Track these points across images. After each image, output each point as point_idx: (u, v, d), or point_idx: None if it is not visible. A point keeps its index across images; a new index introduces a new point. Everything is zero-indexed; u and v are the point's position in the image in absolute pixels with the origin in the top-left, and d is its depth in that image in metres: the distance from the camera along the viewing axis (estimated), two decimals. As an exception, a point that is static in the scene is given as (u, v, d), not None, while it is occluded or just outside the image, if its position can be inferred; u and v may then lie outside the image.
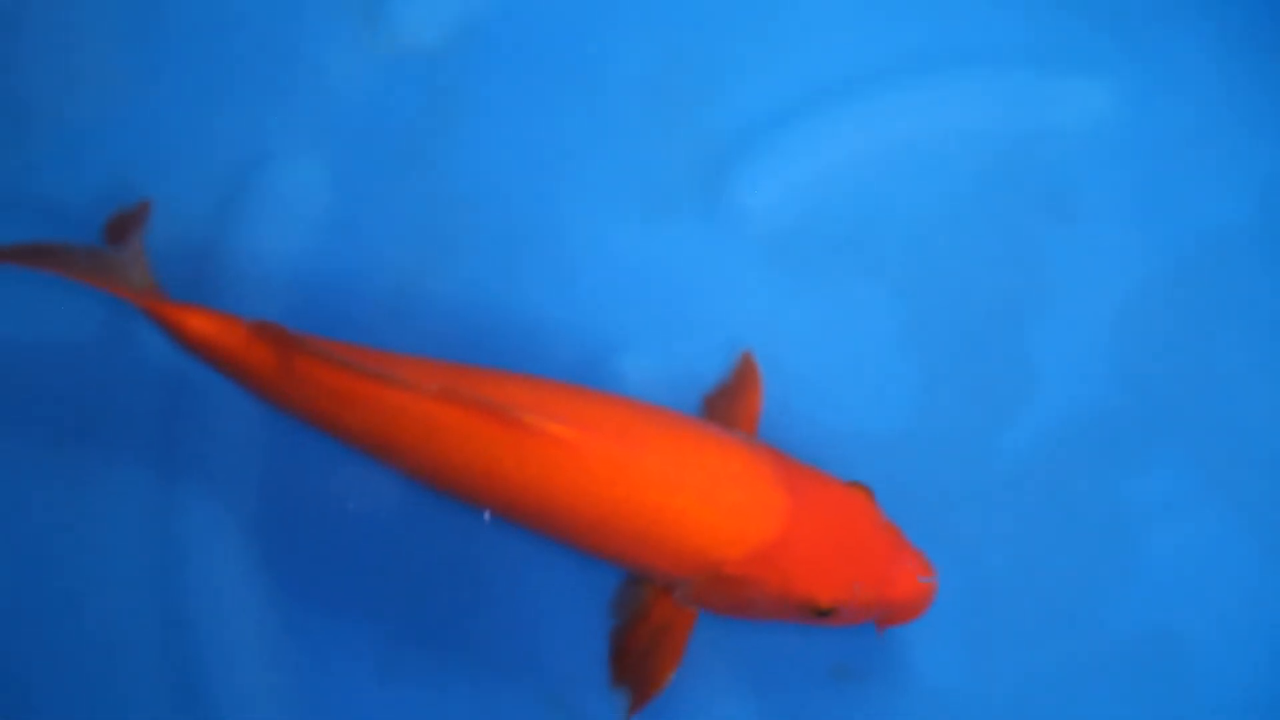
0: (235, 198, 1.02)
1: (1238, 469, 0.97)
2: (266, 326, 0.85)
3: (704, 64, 1.04)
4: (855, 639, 0.94)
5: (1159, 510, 0.97)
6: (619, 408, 0.87)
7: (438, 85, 1.04)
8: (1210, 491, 0.97)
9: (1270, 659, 0.95)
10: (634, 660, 0.91)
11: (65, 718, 0.97)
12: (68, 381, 1.00)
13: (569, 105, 1.04)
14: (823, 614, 0.84)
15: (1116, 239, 1.01)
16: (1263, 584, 0.96)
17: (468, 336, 1.00)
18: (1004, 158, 1.02)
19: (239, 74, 1.04)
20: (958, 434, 0.98)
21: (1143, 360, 0.99)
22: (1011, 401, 0.98)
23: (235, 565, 0.98)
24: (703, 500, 0.83)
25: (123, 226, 0.96)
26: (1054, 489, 0.97)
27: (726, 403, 0.96)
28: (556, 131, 1.03)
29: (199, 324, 0.88)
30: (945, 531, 0.95)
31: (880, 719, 0.94)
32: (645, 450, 0.83)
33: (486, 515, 0.93)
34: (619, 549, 0.86)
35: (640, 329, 1.00)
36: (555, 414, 0.82)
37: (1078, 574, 0.96)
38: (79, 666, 0.97)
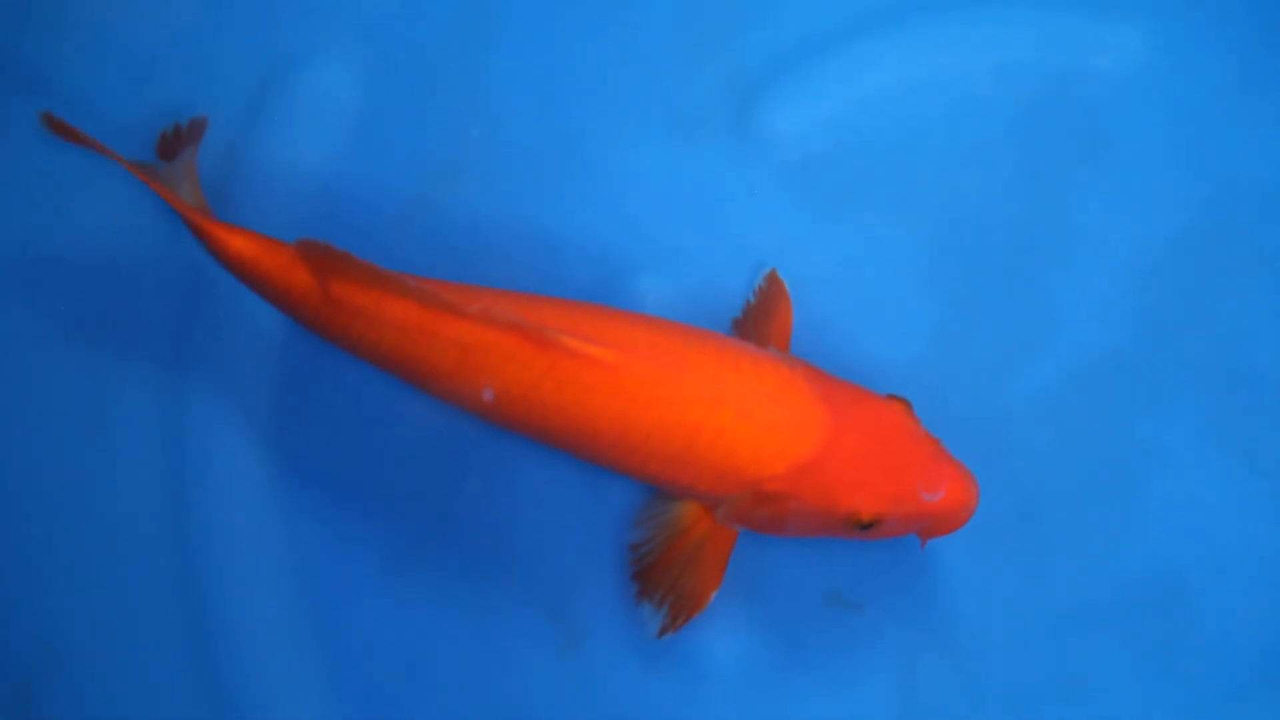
0: (266, 98, 1.03)
1: (1249, 420, 0.98)
2: (311, 245, 0.84)
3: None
4: (851, 566, 0.95)
5: (1170, 456, 0.97)
6: (656, 329, 0.87)
7: (473, -1, 1.04)
8: (1221, 441, 0.97)
9: (1271, 605, 0.96)
10: (669, 577, 0.91)
11: (72, 599, 0.98)
12: (91, 269, 1.01)
13: (602, 24, 1.04)
14: (865, 527, 0.84)
15: (1145, 186, 1.01)
16: (1266, 531, 0.96)
17: (488, 250, 1.00)
18: (1038, 98, 1.02)
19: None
20: (975, 370, 0.98)
21: (1163, 309, 0.99)
22: (1031, 341, 0.99)
23: (245, 457, 0.99)
24: (742, 417, 0.83)
25: (177, 140, 0.97)
26: (1068, 430, 0.97)
27: (756, 322, 0.96)
28: (588, 51, 1.03)
29: (243, 245, 0.88)
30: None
31: (875, 647, 0.95)
32: (683, 370, 0.84)
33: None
34: (659, 469, 0.86)
35: (662, 251, 1.00)
36: (593, 336, 0.83)
37: (1087, 515, 0.97)
38: (86, 549, 0.99)
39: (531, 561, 0.97)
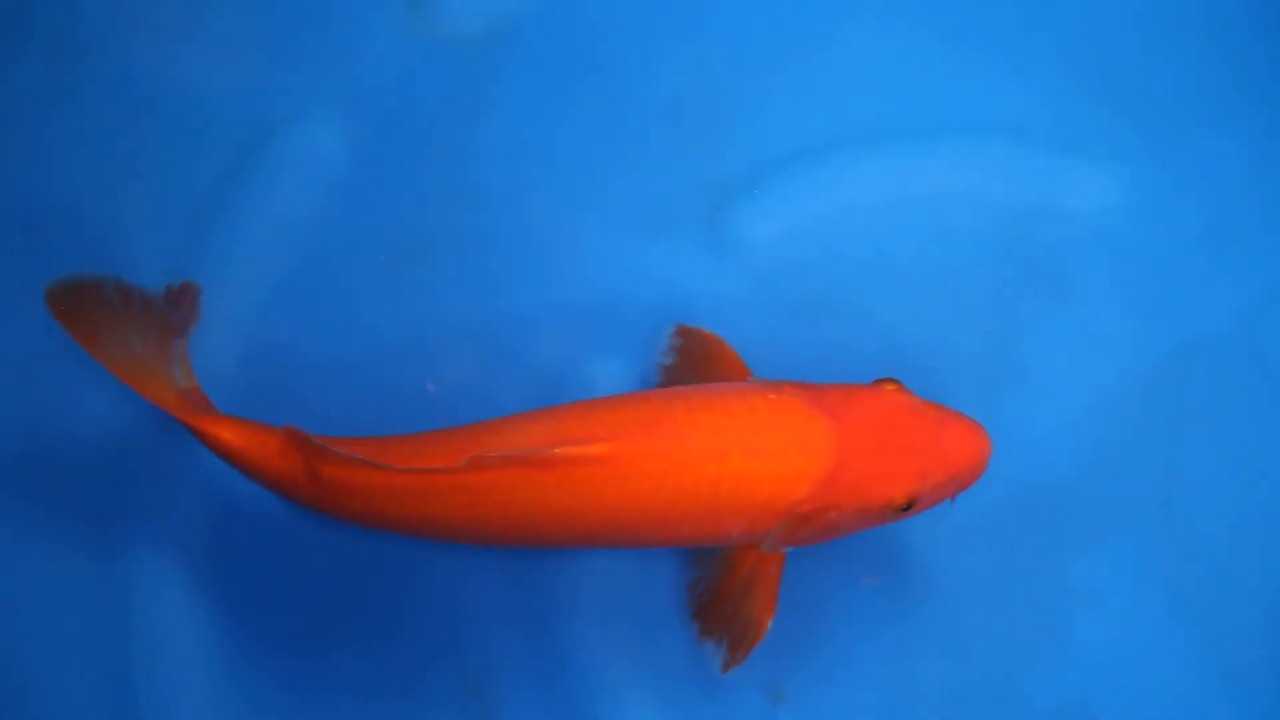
0: (255, 152, 1.05)
1: (1179, 568, 0.99)
2: (293, 434, 0.85)
3: (728, 96, 1.06)
4: (789, 658, 0.97)
5: (1098, 594, 0.99)
6: (638, 405, 0.87)
7: (468, 77, 1.06)
8: (1150, 584, 0.99)
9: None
10: (727, 612, 0.92)
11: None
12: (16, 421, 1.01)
13: (592, 116, 1.06)
14: (904, 510, 0.86)
15: (1103, 327, 1.03)
16: (1183, 679, 0.98)
17: (453, 323, 1.02)
18: (1007, 229, 1.04)
19: (275, 36, 1.07)
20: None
21: (1108, 448, 1.01)
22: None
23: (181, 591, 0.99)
24: (752, 455, 0.84)
25: (178, 307, 0.95)
26: (999, 557, 0.99)
27: (698, 369, 0.97)
28: (575, 140, 1.05)
29: (231, 436, 0.89)
30: (888, 588, 0.98)
31: None
32: (680, 434, 0.84)
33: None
34: (694, 532, 0.87)
35: (621, 336, 1.02)
36: (582, 436, 0.84)
37: (1009, 643, 0.98)
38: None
39: (451, 642, 0.98)
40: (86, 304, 0.89)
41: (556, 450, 0.82)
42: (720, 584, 0.92)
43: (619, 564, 0.98)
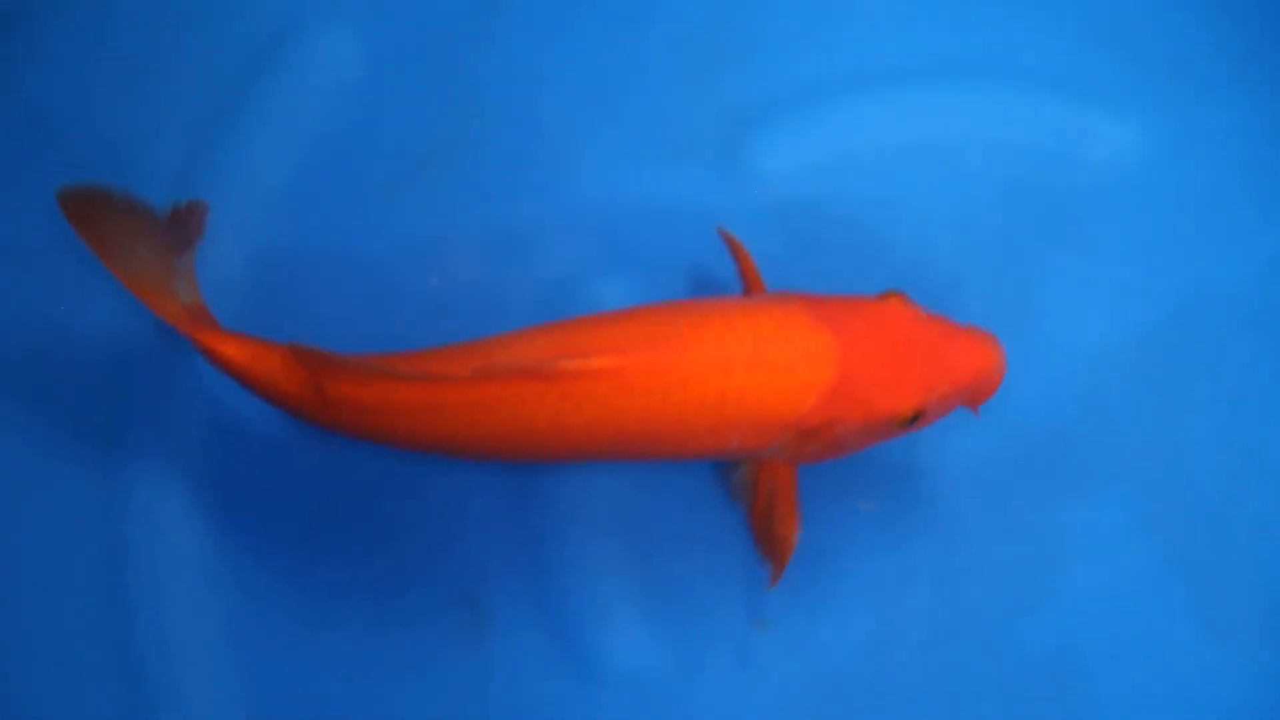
0: (268, 61, 1.04)
1: (1175, 520, 0.99)
2: (299, 349, 0.84)
3: (750, 26, 1.06)
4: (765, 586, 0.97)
5: (1093, 542, 0.99)
6: (643, 318, 0.87)
7: (486, -10, 1.06)
8: (1145, 535, 0.99)
9: (1166, 699, 0.97)
10: (762, 533, 0.93)
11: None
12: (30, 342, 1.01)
13: (611, 38, 1.05)
14: (911, 422, 0.86)
15: (1116, 279, 1.03)
16: (1172, 628, 0.98)
17: (460, 236, 1.02)
18: (1025, 177, 1.04)
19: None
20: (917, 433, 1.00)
21: (1110, 398, 1.01)
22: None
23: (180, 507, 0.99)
24: (757, 369, 0.84)
25: (185, 225, 0.94)
26: (996, 500, 0.99)
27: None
28: (592, 62, 1.05)
29: (235, 352, 0.88)
30: (883, 518, 0.99)
31: (772, 684, 0.97)
32: (685, 347, 0.84)
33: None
34: (701, 445, 0.87)
35: (629, 259, 1.02)
36: (588, 349, 0.83)
37: (1002, 586, 0.98)
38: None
39: (443, 550, 0.98)
40: (97, 211, 0.88)
41: (562, 363, 0.82)
42: (749, 508, 0.93)
43: (617, 481, 0.99)
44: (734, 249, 0.97)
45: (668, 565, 0.98)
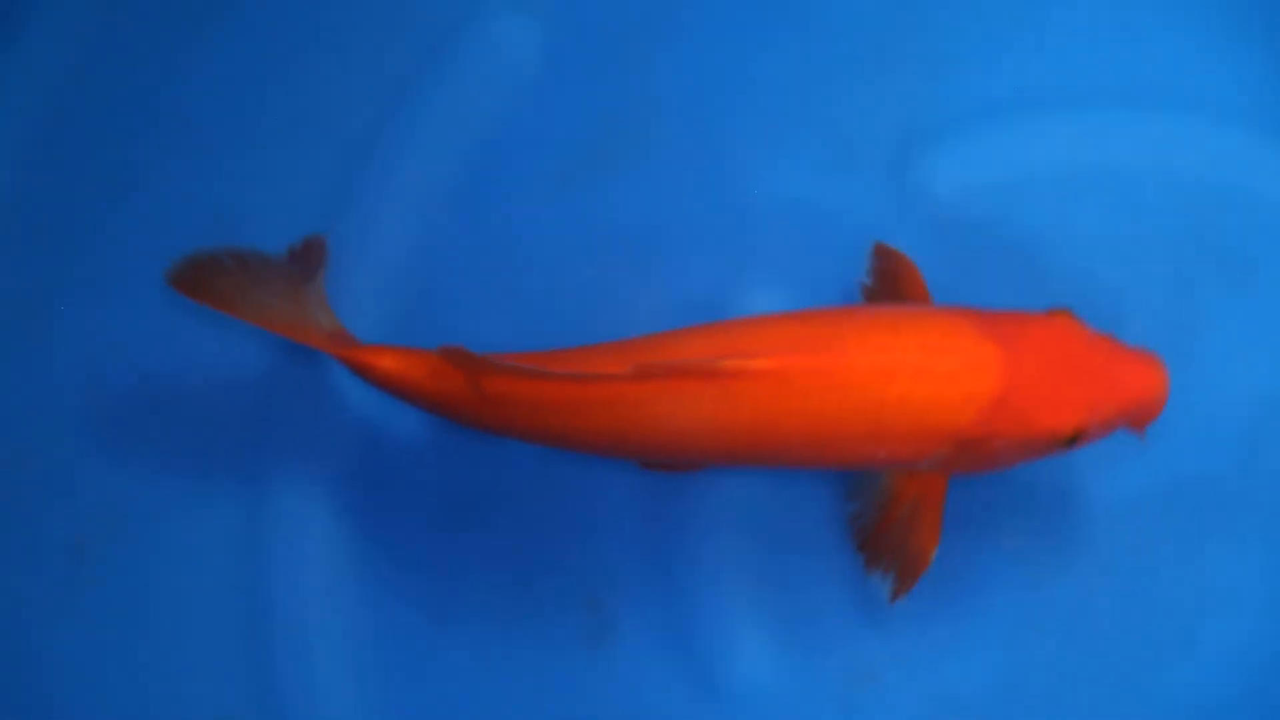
0: (450, 43, 1.05)
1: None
2: (451, 353, 0.85)
3: (934, 40, 1.05)
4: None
5: (1237, 596, 0.97)
6: (804, 321, 0.87)
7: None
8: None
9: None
10: (892, 543, 0.91)
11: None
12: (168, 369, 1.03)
13: (792, 44, 1.04)
14: (1071, 441, 0.85)
15: (1282, 321, 1.00)
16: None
17: (624, 233, 1.02)
18: (1199, 211, 1.02)
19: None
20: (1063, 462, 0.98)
21: (1269, 446, 0.98)
22: (1125, 446, 0.98)
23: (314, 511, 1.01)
24: (919, 377, 0.83)
25: (304, 262, 0.96)
26: (1142, 544, 0.97)
27: (889, 289, 0.96)
28: (769, 62, 1.04)
29: (388, 363, 0.89)
30: (1022, 553, 0.97)
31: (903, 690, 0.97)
32: (847, 352, 0.83)
33: None
34: (855, 454, 0.86)
35: (784, 270, 1.01)
36: (746, 351, 0.83)
37: (1138, 633, 0.97)
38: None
39: (572, 550, 0.98)
40: (208, 276, 0.90)
41: (722, 362, 0.81)
42: (884, 515, 0.91)
43: (753, 489, 0.98)
44: (893, 260, 0.96)
45: (797, 581, 0.97)
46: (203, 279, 0.89)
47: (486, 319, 1.00)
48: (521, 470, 0.99)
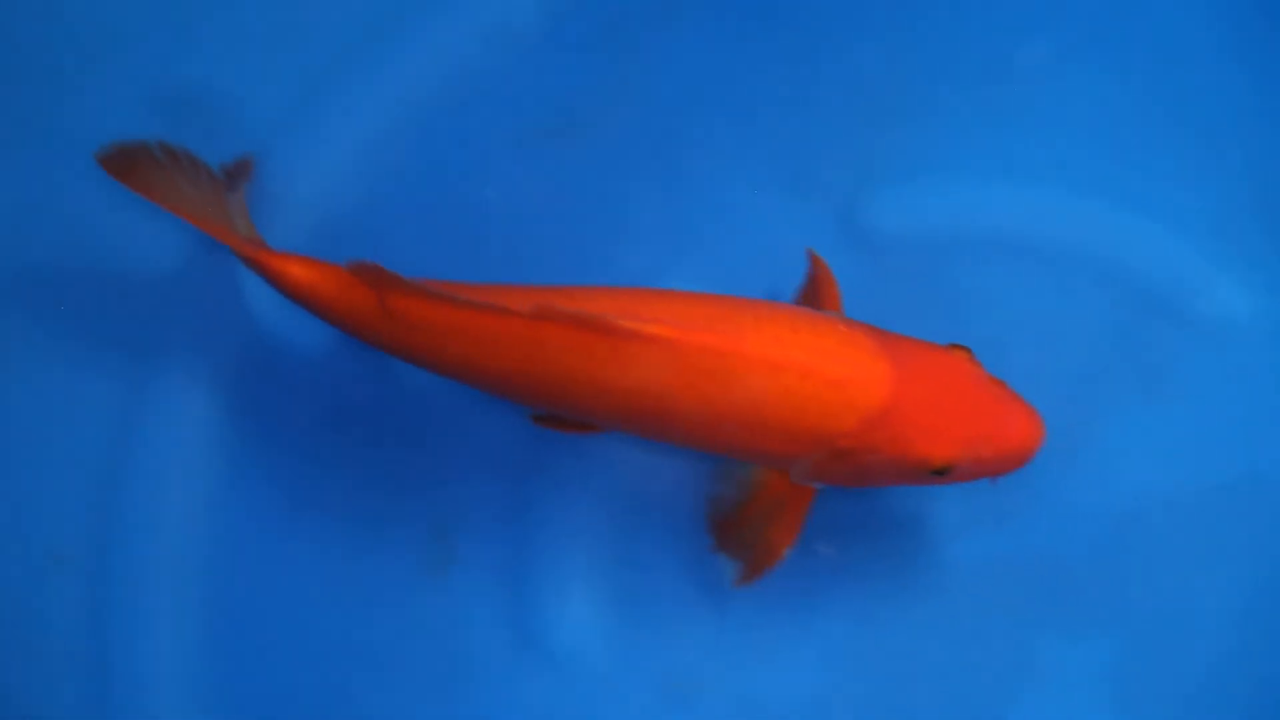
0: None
1: (1145, 683, 0.98)
2: (363, 267, 0.87)
3: (909, 93, 1.07)
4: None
5: (1054, 676, 0.98)
6: (708, 303, 0.88)
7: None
8: (1108, 684, 0.98)
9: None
10: (746, 532, 0.93)
11: None
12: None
13: (773, 62, 1.07)
14: (939, 473, 0.85)
15: (1176, 436, 1.01)
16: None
17: (568, 204, 1.05)
18: (1123, 306, 1.03)
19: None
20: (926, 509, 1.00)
21: (1131, 549, 1.00)
22: (988, 511, 1.00)
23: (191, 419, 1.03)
24: (807, 378, 0.83)
25: (229, 177, 0.99)
26: (976, 604, 0.99)
27: (807, 294, 0.98)
28: (749, 76, 1.07)
29: (298, 271, 0.91)
30: (865, 594, 0.99)
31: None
32: (743, 337, 0.84)
33: None
34: (730, 439, 0.87)
35: (715, 267, 1.03)
36: (650, 316, 0.83)
37: (957, 695, 0.98)
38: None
39: (426, 485, 1.01)
40: (138, 164, 0.92)
41: (619, 320, 0.82)
42: (746, 505, 0.92)
43: (625, 462, 1.00)
44: (818, 269, 0.98)
45: (643, 560, 0.99)
46: (131, 164, 0.92)
47: (417, 260, 1.00)
48: (408, 397, 1.02)
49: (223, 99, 1.06)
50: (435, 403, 1.01)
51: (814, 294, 0.97)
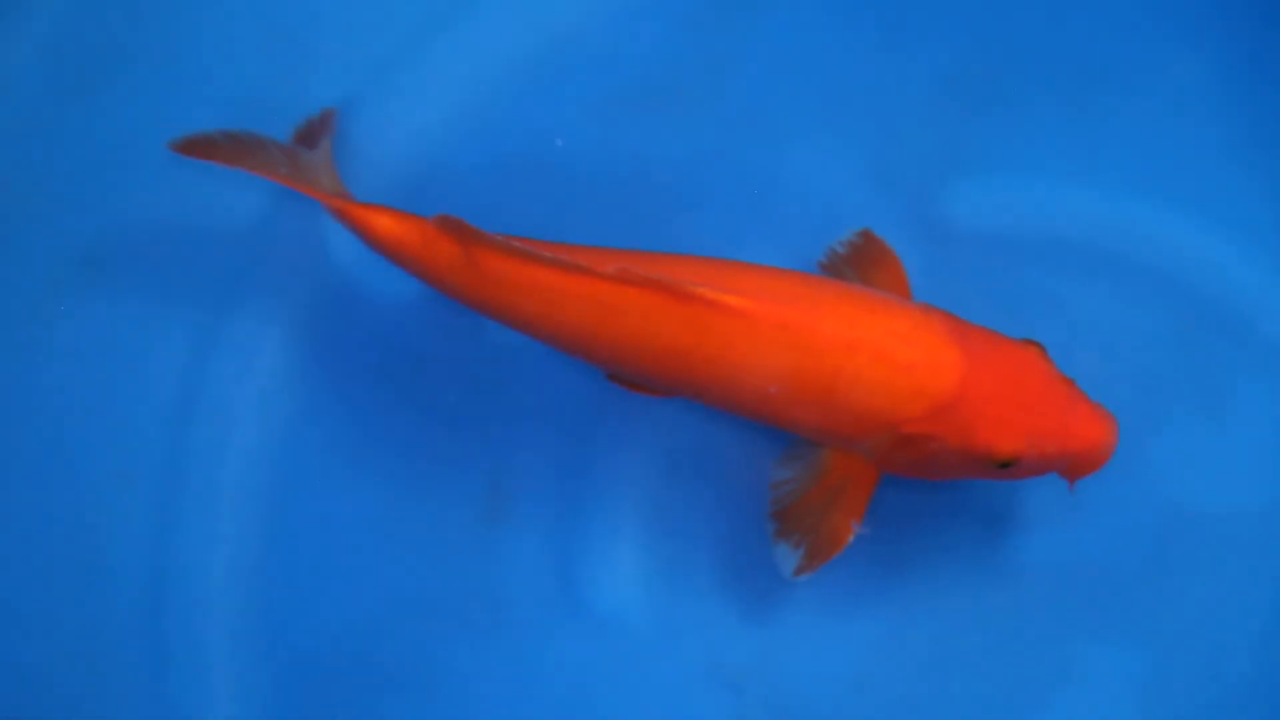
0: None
1: (1171, 689, 0.99)
2: (448, 221, 0.88)
3: (996, 86, 1.08)
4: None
5: (1085, 676, 0.99)
6: (787, 278, 0.89)
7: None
8: (1135, 688, 0.99)
9: None
10: (809, 518, 0.93)
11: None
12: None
13: (867, 50, 1.08)
14: (1004, 466, 0.86)
15: (1230, 455, 1.02)
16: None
17: (646, 172, 1.06)
18: (1189, 321, 1.04)
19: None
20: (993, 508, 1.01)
21: (1172, 565, 1.01)
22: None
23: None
24: (879, 361, 0.85)
25: (312, 132, 1.01)
26: (1020, 602, 1.00)
27: (867, 274, 0.98)
28: (838, 60, 1.08)
29: (385, 223, 0.92)
30: (917, 581, 1.00)
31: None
32: (819, 315, 0.85)
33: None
34: (799, 415, 0.88)
35: (784, 245, 1.04)
36: (729, 287, 0.85)
37: (997, 689, 1.00)
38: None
39: (496, 435, 1.03)
40: (213, 144, 0.95)
41: (699, 288, 0.83)
42: (809, 489, 0.93)
43: (689, 429, 1.02)
44: (885, 256, 0.98)
45: (693, 529, 1.01)
46: (206, 145, 0.94)
47: (500, 218, 1.01)
48: (483, 351, 1.03)
49: (318, 51, 1.08)
50: (507, 358, 1.03)
51: (869, 269, 0.98)
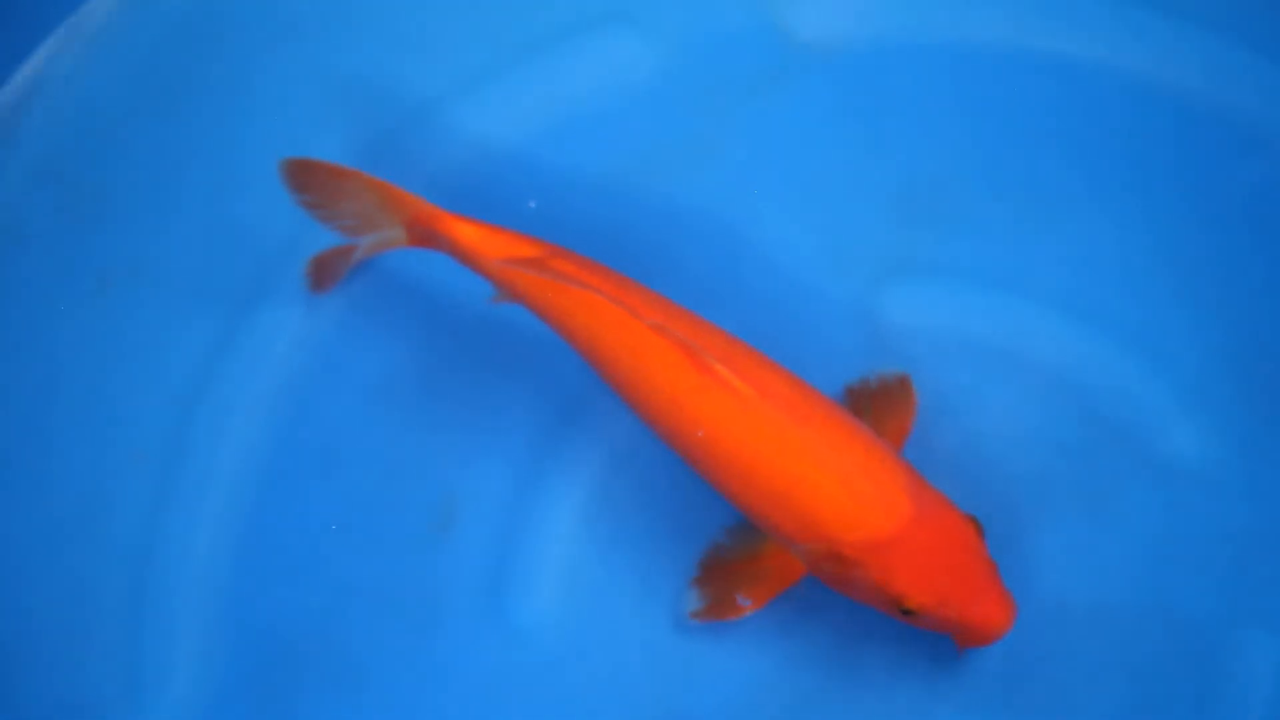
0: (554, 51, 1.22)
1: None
2: (544, 247, 1.01)
3: (952, 199, 1.17)
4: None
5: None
6: (796, 387, 1.01)
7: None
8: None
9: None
10: (728, 583, 1.05)
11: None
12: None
13: (857, 152, 1.19)
14: (906, 613, 0.98)
15: (1116, 559, 1.08)
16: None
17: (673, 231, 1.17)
18: (1080, 426, 1.10)
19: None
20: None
21: (1066, 657, 1.06)
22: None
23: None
24: (841, 484, 0.97)
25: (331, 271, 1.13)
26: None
27: (875, 408, 1.08)
28: (816, 183, 1.18)
29: (469, 232, 1.04)
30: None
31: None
32: (806, 425, 0.98)
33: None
34: (755, 502, 1.00)
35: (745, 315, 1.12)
36: (742, 372, 0.98)
37: None
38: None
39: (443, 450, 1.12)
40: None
41: (718, 364, 0.97)
42: (738, 562, 1.04)
43: (657, 473, 1.11)
44: (904, 402, 1.08)
45: (620, 559, 1.10)
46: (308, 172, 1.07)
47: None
48: (458, 368, 1.14)
49: (399, 78, 1.20)
50: (479, 371, 1.14)
51: (885, 409, 1.07)
